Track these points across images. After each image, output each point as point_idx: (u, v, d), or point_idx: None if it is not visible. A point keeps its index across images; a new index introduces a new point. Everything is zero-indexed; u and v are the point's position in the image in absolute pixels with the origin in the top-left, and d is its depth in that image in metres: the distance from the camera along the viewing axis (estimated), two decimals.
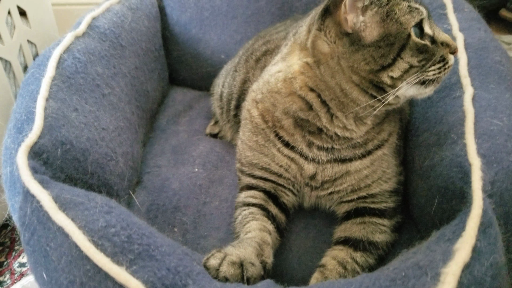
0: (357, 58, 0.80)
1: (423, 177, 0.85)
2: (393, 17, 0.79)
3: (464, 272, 0.56)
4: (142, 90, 1.23)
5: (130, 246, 0.63)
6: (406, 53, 0.79)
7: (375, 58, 0.79)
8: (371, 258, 0.89)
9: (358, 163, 0.91)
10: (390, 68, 0.79)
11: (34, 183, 0.67)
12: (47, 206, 0.64)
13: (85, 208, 0.66)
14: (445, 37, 0.83)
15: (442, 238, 0.62)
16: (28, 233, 0.65)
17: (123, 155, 0.99)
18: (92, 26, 1.08)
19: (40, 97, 0.82)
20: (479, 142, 0.75)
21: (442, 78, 0.83)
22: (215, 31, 1.51)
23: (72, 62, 0.95)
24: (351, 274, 0.86)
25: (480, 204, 0.63)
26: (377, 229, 0.92)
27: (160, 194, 1.06)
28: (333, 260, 0.88)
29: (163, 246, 0.67)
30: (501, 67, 0.92)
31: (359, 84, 0.82)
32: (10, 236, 1.33)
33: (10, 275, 1.21)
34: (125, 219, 0.68)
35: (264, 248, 0.83)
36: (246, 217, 0.93)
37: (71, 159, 0.80)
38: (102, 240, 0.62)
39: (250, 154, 1.00)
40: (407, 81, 0.80)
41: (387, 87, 0.81)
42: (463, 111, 0.82)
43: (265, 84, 0.96)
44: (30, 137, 0.74)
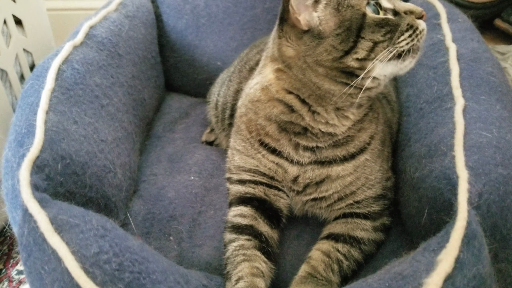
0: (320, 51, 0.82)
1: (414, 188, 0.86)
2: (343, 3, 0.80)
3: (446, 282, 0.57)
4: (139, 98, 1.24)
5: (120, 275, 0.63)
6: (365, 32, 0.80)
7: (336, 46, 0.81)
8: (354, 250, 0.92)
9: (340, 169, 0.93)
10: (353, 50, 0.80)
11: (33, 202, 0.67)
12: (43, 227, 0.64)
13: (80, 231, 0.66)
14: (407, 6, 0.84)
15: (427, 249, 0.64)
16: (25, 253, 0.65)
17: (121, 166, 1.00)
18: (90, 35, 1.09)
19: (40, 110, 0.83)
20: (467, 154, 0.76)
21: (419, 45, 0.84)
22: (211, 38, 1.52)
23: (71, 73, 0.95)
24: (335, 263, 0.89)
25: (464, 216, 0.64)
26: (358, 227, 0.95)
27: (156, 203, 1.07)
28: (317, 251, 0.92)
29: (155, 272, 0.66)
30: (493, 78, 0.93)
31: (326, 75, 0.84)
32: (8, 244, 1.34)
33: (8, 282, 1.21)
34: (119, 243, 0.67)
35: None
36: (236, 254, 0.91)
37: (70, 173, 0.81)
38: (93, 268, 0.61)
39: (238, 158, 1.02)
40: (378, 59, 0.80)
41: (356, 70, 0.82)
42: (454, 123, 0.83)
43: (246, 97, 0.99)
44: (32, 152, 0.75)
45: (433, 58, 1.05)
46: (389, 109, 1.09)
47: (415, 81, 1.08)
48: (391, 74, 0.85)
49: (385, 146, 1.01)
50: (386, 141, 1.01)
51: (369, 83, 0.83)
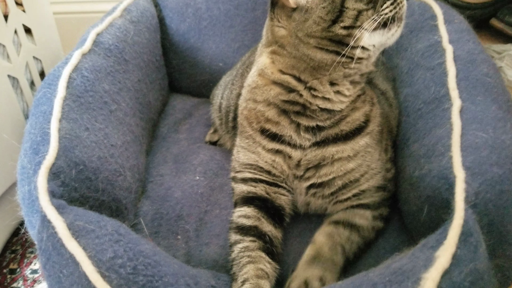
0: (309, 24, 0.87)
1: (414, 187, 0.88)
2: None
3: (443, 277, 0.60)
4: (145, 101, 1.26)
5: (135, 278, 0.65)
6: (349, 2, 0.85)
7: (323, 17, 0.86)
8: (354, 235, 0.96)
9: (335, 150, 0.96)
10: (339, 19, 0.85)
11: (51, 208, 0.70)
12: (61, 233, 0.67)
13: (96, 236, 0.69)
14: None
15: (426, 246, 0.66)
16: (44, 257, 0.68)
17: (130, 169, 1.02)
18: (97, 42, 1.11)
19: (54, 118, 0.85)
20: (464, 154, 0.78)
21: (402, 14, 0.88)
22: (213, 40, 1.55)
23: (81, 81, 0.98)
24: (338, 245, 0.93)
25: (461, 215, 0.67)
26: (357, 215, 0.98)
27: (164, 203, 1.10)
28: (320, 235, 0.96)
29: (167, 275, 0.69)
30: (488, 79, 0.95)
31: (317, 45, 0.88)
32: (22, 244, 1.37)
33: (23, 281, 1.24)
34: (132, 248, 0.70)
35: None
36: (242, 256, 0.93)
37: (84, 179, 0.83)
38: (109, 272, 0.64)
39: (242, 154, 1.06)
40: (364, 28, 0.85)
41: (345, 38, 0.87)
42: (451, 124, 0.86)
43: (245, 89, 1.03)
44: (47, 159, 0.77)
45: (430, 59, 1.07)
46: (387, 104, 1.11)
47: (413, 82, 1.10)
48: (379, 44, 0.89)
49: (383, 137, 1.03)
50: (384, 133, 1.04)
51: (359, 53, 0.88)
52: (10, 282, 1.25)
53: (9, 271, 1.29)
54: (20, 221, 0.82)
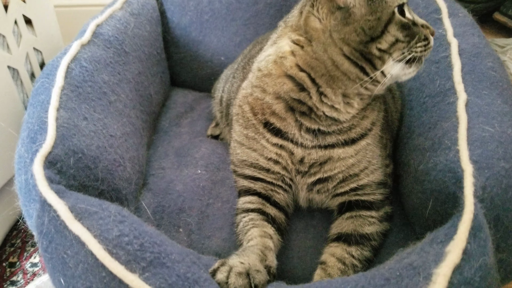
0: (348, 30, 0.85)
1: (418, 181, 0.87)
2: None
3: (454, 273, 0.59)
4: (146, 94, 1.26)
5: (142, 254, 0.66)
6: (392, 27, 0.85)
7: (365, 30, 0.85)
8: (366, 250, 0.93)
9: (341, 151, 0.95)
10: (378, 40, 0.85)
11: (51, 193, 0.70)
12: (64, 215, 0.67)
13: (100, 217, 0.69)
14: (424, 21, 0.90)
15: (435, 240, 0.66)
16: (46, 241, 0.67)
17: (130, 160, 1.02)
18: (97, 33, 1.10)
19: (51, 107, 0.85)
20: (471, 148, 0.78)
21: (425, 57, 0.89)
22: (215, 34, 1.54)
23: (79, 71, 0.97)
24: (351, 269, 0.90)
25: (471, 209, 0.66)
26: (366, 222, 0.96)
27: (165, 196, 1.09)
28: (332, 257, 0.92)
29: (173, 253, 0.69)
30: (493, 73, 0.94)
31: (349, 55, 0.86)
32: (22, 238, 1.36)
33: (22, 275, 1.24)
34: (137, 228, 0.70)
35: (267, 254, 0.87)
36: (246, 224, 0.96)
37: (83, 167, 0.83)
38: (116, 249, 0.65)
39: (240, 151, 1.05)
40: (393, 57, 0.85)
41: (376, 59, 0.86)
42: (457, 117, 0.85)
43: (254, 74, 1.00)
44: (44, 148, 0.77)
45: (435, 53, 1.06)
46: (390, 97, 1.11)
47: (418, 75, 1.07)
48: (395, 76, 0.89)
49: (384, 133, 1.02)
50: (384, 129, 1.03)
51: (379, 77, 0.87)
52: (10, 275, 1.24)
53: (9, 264, 1.28)
54: (19, 215, 0.82)
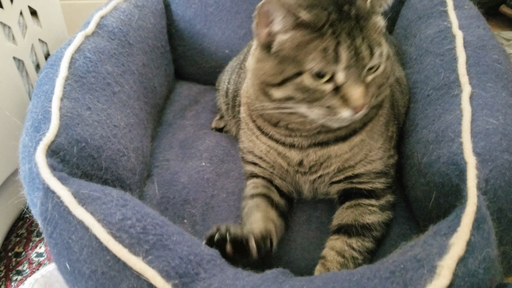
0: (260, 65, 0.87)
1: (422, 173, 0.87)
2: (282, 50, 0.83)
3: (458, 265, 0.59)
4: (150, 86, 1.26)
5: (145, 237, 0.66)
6: (290, 85, 0.83)
7: (268, 72, 0.85)
8: (367, 241, 0.92)
9: (337, 148, 0.95)
10: (277, 87, 0.84)
11: (54, 180, 0.71)
12: (67, 201, 0.68)
13: (103, 202, 0.70)
14: (351, 94, 0.80)
15: (438, 233, 0.65)
16: (50, 227, 0.68)
17: (134, 151, 1.02)
18: (101, 25, 1.11)
19: (55, 97, 0.85)
20: (475, 140, 0.77)
21: (330, 124, 0.85)
22: (219, 26, 1.54)
23: (83, 62, 0.97)
24: (350, 262, 0.89)
25: (474, 201, 0.66)
26: (366, 211, 0.95)
27: (170, 187, 1.10)
28: (331, 251, 0.91)
29: (174, 235, 0.70)
30: (499, 65, 0.94)
31: (258, 88, 0.88)
32: (27, 228, 1.38)
33: (28, 264, 1.25)
34: (140, 211, 0.71)
35: (269, 233, 0.88)
36: (251, 209, 0.97)
37: (86, 156, 0.83)
38: (119, 232, 0.65)
39: (245, 139, 1.07)
40: (295, 106, 0.85)
41: (271, 102, 0.87)
42: (461, 110, 0.85)
43: (248, 72, 1.00)
44: (47, 136, 0.77)
45: (440, 45, 1.05)
46: (399, 91, 1.10)
47: (422, 68, 1.08)
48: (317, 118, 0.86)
49: (389, 126, 1.02)
50: (390, 122, 1.02)
51: (304, 112, 0.86)
52: (16, 265, 1.26)
53: (15, 254, 1.30)
54: (25, 204, 0.82)
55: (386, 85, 0.89)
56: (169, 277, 0.63)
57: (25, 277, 1.21)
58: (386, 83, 0.89)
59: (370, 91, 0.83)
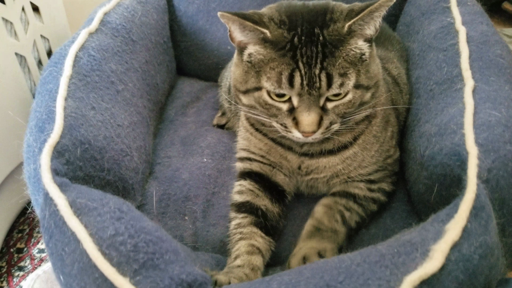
0: (234, 69, 0.90)
1: (424, 166, 0.88)
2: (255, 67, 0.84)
3: (452, 250, 0.59)
4: (152, 83, 1.26)
5: (135, 256, 0.64)
6: (251, 95, 0.86)
7: (238, 78, 0.87)
8: (352, 203, 0.96)
9: (326, 160, 0.96)
10: (243, 95, 0.87)
11: (53, 186, 0.70)
12: (63, 210, 0.67)
13: (98, 214, 0.68)
14: (300, 120, 0.82)
15: (436, 220, 0.66)
16: (47, 235, 0.68)
17: (137, 150, 1.02)
18: (104, 21, 1.11)
19: (60, 96, 0.85)
20: (477, 132, 0.77)
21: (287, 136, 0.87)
22: (222, 23, 1.49)
23: (87, 60, 0.97)
24: (337, 213, 0.94)
25: (473, 189, 0.66)
26: (354, 185, 0.99)
27: (171, 184, 1.10)
28: (319, 206, 0.97)
29: (168, 253, 0.68)
30: (502, 60, 0.94)
31: (233, 91, 0.91)
32: (29, 223, 1.38)
33: (30, 260, 1.26)
34: (134, 225, 0.69)
35: (251, 276, 0.87)
36: (234, 233, 0.95)
37: (89, 158, 0.83)
38: (109, 249, 0.64)
39: (240, 139, 1.08)
40: (260, 115, 0.87)
41: (242, 105, 0.89)
42: (463, 103, 0.85)
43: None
44: (52, 137, 0.77)
45: (443, 40, 1.06)
46: (397, 91, 1.09)
47: (425, 63, 1.09)
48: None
49: (387, 128, 1.01)
50: (389, 124, 1.02)
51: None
52: (17, 261, 1.26)
53: (16, 250, 1.30)
54: (27, 201, 0.83)
55: (359, 108, 0.87)
56: None
57: (27, 273, 1.22)
58: (360, 107, 0.87)
59: (328, 118, 0.83)
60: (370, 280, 0.59)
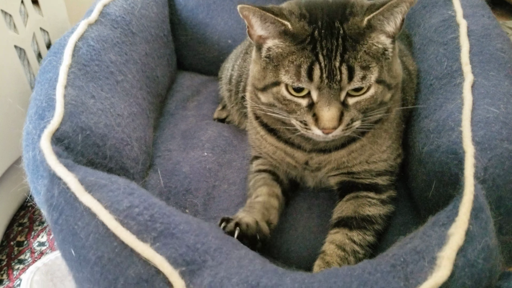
0: (252, 67, 0.89)
1: (422, 162, 0.87)
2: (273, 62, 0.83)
3: (458, 255, 0.59)
4: (152, 76, 1.26)
5: (153, 225, 0.66)
6: (270, 92, 0.84)
7: (256, 75, 0.87)
8: (368, 234, 0.90)
9: (336, 153, 0.94)
10: (262, 92, 0.86)
11: (60, 166, 0.71)
12: (74, 188, 0.68)
13: (110, 190, 0.69)
14: (320, 115, 0.79)
15: (437, 223, 0.65)
16: (56, 213, 0.68)
17: (137, 140, 1.02)
18: (104, 13, 1.11)
19: (59, 84, 0.85)
20: (474, 129, 0.77)
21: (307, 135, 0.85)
22: (222, 16, 1.53)
23: (87, 50, 0.97)
24: (351, 255, 0.87)
25: (471, 190, 0.65)
26: (366, 202, 0.94)
27: (172, 177, 1.10)
28: (331, 245, 0.89)
29: (181, 224, 0.70)
30: (502, 54, 0.93)
31: (251, 89, 0.91)
32: (29, 217, 1.38)
33: (30, 253, 1.26)
34: (147, 199, 0.71)
35: (271, 212, 0.92)
36: (258, 181, 1.00)
37: (91, 144, 0.83)
38: (127, 219, 0.65)
39: (251, 132, 1.07)
40: (279, 113, 0.86)
41: (261, 104, 0.88)
42: (462, 99, 0.84)
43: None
44: (52, 124, 0.77)
45: (444, 34, 1.05)
46: (410, 87, 1.07)
47: (425, 57, 1.08)
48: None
49: (398, 126, 1.00)
50: (400, 121, 1.02)
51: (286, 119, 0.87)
52: (18, 254, 1.27)
53: (17, 243, 1.30)
54: (28, 192, 0.83)
55: (378, 108, 0.85)
56: (176, 264, 0.62)
57: (27, 266, 1.22)
58: (380, 106, 0.85)
59: (349, 114, 0.81)
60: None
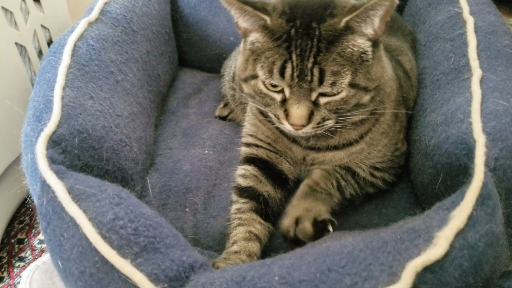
0: (239, 57, 0.91)
1: (429, 156, 0.87)
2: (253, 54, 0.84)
3: (457, 237, 0.58)
4: (153, 74, 1.25)
5: (136, 239, 0.64)
6: (249, 84, 0.86)
7: (239, 65, 0.89)
8: (350, 177, 0.96)
9: (332, 154, 0.96)
10: (244, 83, 0.87)
11: (50, 173, 0.69)
12: (61, 197, 0.66)
13: (97, 199, 0.68)
14: (290, 112, 0.81)
15: (441, 207, 0.65)
16: (45, 222, 0.67)
17: (137, 140, 1.01)
18: (104, 11, 1.10)
19: (57, 86, 0.84)
20: (484, 121, 0.77)
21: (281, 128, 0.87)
22: (224, 13, 1.52)
23: (86, 50, 0.96)
24: (334, 179, 0.94)
25: (481, 177, 0.65)
26: (357, 165, 0.98)
27: (172, 176, 1.09)
28: (318, 170, 0.97)
29: (168, 237, 0.68)
30: (510, 50, 0.94)
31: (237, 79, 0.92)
32: (30, 214, 1.38)
33: (31, 251, 1.26)
34: (134, 210, 0.69)
35: (252, 258, 0.88)
36: (234, 218, 0.95)
37: (87, 147, 0.82)
38: (110, 233, 0.63)
39: (247, 124, 1.08)
40: (259, 105, 0.88)
41: (245, 94, 0.89)
42: (471, 93, 0.84)
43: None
44: (48, 127, 0.76)
45: (451, 30, 1.05)
46: (409, 85, 1.08)
47: (431, 54, 1.08)
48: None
49: (397, 121, 1.00)
50: (399, 117, 1.01)
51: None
52: (18, 252, 1.26)
53: (17, 241, 1.30)
54: (27, 192, 0.82)
55: (356, 109, 0.85)
56: (158, 281, 0.61)
57: (27, 264, 1.22)
58: (358, 108, 0.85)
59: (319, 114, 0.82)
60: (372, 265, 0.59)
